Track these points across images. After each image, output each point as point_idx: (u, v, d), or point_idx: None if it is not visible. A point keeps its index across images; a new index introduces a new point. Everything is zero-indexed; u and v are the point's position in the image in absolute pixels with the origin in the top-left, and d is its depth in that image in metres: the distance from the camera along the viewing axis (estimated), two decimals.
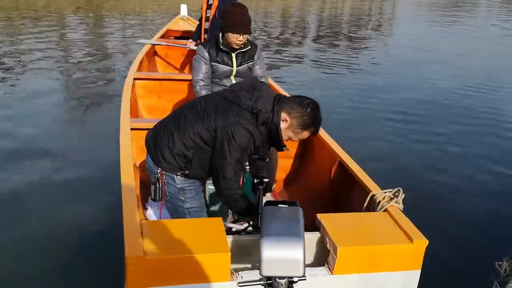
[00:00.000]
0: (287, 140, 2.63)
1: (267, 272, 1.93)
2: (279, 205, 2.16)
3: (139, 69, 5.84)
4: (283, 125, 2.52)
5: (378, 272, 2.34)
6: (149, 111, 5.47)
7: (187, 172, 2.62)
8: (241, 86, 2.63)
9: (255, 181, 2.84)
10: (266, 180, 2.80)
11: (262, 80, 3.94)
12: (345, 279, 2.31)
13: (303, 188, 3.87)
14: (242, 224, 3.51)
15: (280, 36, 15.33)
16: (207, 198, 3.28)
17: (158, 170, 2.64)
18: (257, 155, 2.76)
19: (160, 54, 7.24)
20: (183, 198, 2.68)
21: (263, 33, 15.43)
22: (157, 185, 2.65)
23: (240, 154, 2.50)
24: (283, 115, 2.50)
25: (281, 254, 1.91)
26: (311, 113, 2.49)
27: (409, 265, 2.37)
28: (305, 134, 2.57)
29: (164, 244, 2.18)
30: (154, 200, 2.70)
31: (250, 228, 3.27)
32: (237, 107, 2.50)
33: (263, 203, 2.50)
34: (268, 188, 2.82)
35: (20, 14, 16.78)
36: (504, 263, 3.45)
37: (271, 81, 4.83)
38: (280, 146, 2.63)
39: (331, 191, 3.49)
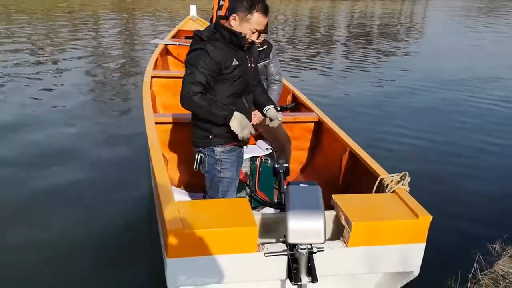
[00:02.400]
0: (252, 33, 2.79)
1: (293, 240, 2.23)
2: (301, 185, 2.46)
3: (155, 67, 6.14)
4: (236, 23, 2.77)
5: (388, 244, 2.63)
6: (165, 107, 5.75)
7: (214, 133, 2.91)
8: None
9: (276, 166, 3.13)
10: (286, 165, 3.09)
11: (276, 78, 4.21)
12: (358, 250, 2.60)
13: (316, 176, 4.14)
14: (258, 211, 3.81)
15: (307, 39, 15.48)
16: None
17: (200, 149, 3.01)
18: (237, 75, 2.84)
19: (173, 53, 7.54)
20: (219, 168, 2.99)
21: (290, 36, 15.67)
22: (199, 156, 3.00)
23: (198, 72, 2.74)
24: (231, 17, 2.78)
25: (305, 224, 2.21)
26: None
27: (415, 238, 2.65)
28: (257, 16, 2.74)
29: (199, 219, 2.46)
30: (195, 169, 3.03)
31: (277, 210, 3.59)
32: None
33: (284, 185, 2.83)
34: (287, 172, 3.09)
35: (56, 12, 17.54)
36: (497, 245, 3.72)
37: (285, 81, 5.08)
38: (242, 40, 2.79)
39: (343, 177, 3.78)
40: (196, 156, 3.03)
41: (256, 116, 3.74)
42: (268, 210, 3.73)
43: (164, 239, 2.45)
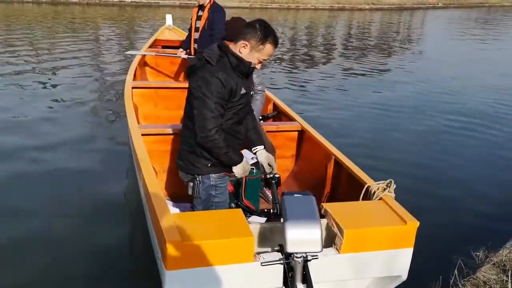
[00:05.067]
0: (259, 62, 2.86)
1: (291, 249, 2.31)
2: (295, 195, 2.54)
3: (134, 78, 6.14)
4: (245, 50, 2.77)
5: (378, 250, 2.73)
6: (146, 118, 5.76)
7: (213, 160, 2.91)
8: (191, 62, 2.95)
9: (268, 176, 3.20)
10: (277, 175, 3.17)
11: (259, 88, 4.30)
12: (350, 257, 2.69)
13: (302, 185, 4.24)
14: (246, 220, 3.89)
15: (306, 49, 15.53)
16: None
17: (195, 177, 2.98)
18: (242, 104, 2.88)
19: (150, 63, 7.54)
20: (213, 193, 3.02)
21: (288, 46, 15.71)
22: (195, 183, 2.97)
23: (215, 102, 2.72)
24: (241, 42, 2.78)
25: (303, 234, 2.30)
26: (261, 27, 2.78)
27: (403, 243, 2.77)
28: (268, 47, 2.78)
29: (196, 231, 2.51)
30: (192, 195, 3.01)
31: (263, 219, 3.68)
32: (193, 73, 2.85)
33: (277, 195, 2.92)
34: (279, 182, 3.17)
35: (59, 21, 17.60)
36: (480, 252, 3.86)
37: (267, 92, 5.17)
38: (248, 69, 2.84)
39: (329, 186, 3.89)
40: (192, 182, 2.99)
41: None
42: (255, 219, 3.80)
43: (163, 251, 2.48)
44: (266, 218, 3.99)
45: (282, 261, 2.50)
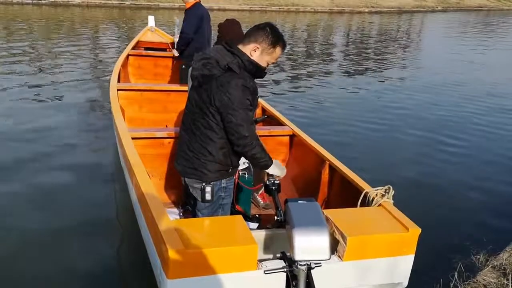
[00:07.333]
0: (267, 65, 2.84)
1: (299, 257, 2.25)
2: (299, 201, 2.49)
3: (118, 80, 6.01)
4: (256, 54, 2.75)
5: (380, 257, 2.71)
6: (130, 121, 5.63)
7: (234, 165, 2.92)
8: (199, 68, 2.80)
9: (268, 183, 3.14)
10: (277, 181, 3.11)
11: None
12: (353, 264, 2.66)
13: (296, 190, 4.19)
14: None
15: (304, 54, 15.40)
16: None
17: (209, 183, 2.87)
18: (256, 107, 2.93)
19: (133, 65, 7.41)
20: (223, 195, 2.97)
21: (287, 48, 15.52)
22: (211, 187, 2.86)
23: (249, 110, 2.72)
24: (252, 46, 2.76)
25: (311, 241, 2.24)
26: (272, 31, 2.78)
27: (405, 250, 2.76)
28: (278, 50, 2.79)
29: (199, 238, 2.44)
30: (205, 200, 2.89)
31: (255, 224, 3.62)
32: (213, 80, 2.73)
33: (279, 201, 2.87)
34: (279, 189, 3.11)
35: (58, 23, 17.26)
36: (481, 256, 3.88)
37: (261, 101, 5.13)
38: (263, 74, 2.83)
39: (324, 191, 3.85)
40: (209, 187, 2.87)
41: None
42: (247, 225, 3.74)
43: (163, 260, 2.40)
44: (258, 224, 3.96)
45: (285, 269, 2.44)
